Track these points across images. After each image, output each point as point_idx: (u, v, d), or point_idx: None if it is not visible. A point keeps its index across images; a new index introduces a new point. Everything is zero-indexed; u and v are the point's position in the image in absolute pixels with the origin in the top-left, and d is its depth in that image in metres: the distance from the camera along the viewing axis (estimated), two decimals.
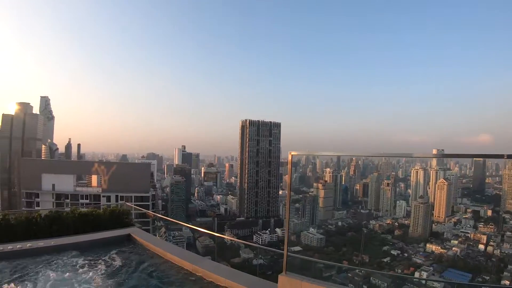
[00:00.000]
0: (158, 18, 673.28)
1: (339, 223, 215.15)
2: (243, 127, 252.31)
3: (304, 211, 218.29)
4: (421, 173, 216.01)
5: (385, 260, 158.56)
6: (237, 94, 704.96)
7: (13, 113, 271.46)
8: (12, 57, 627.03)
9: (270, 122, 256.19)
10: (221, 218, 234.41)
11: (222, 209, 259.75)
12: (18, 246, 14.37)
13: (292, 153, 9.33)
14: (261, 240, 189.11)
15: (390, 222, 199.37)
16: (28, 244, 14.62)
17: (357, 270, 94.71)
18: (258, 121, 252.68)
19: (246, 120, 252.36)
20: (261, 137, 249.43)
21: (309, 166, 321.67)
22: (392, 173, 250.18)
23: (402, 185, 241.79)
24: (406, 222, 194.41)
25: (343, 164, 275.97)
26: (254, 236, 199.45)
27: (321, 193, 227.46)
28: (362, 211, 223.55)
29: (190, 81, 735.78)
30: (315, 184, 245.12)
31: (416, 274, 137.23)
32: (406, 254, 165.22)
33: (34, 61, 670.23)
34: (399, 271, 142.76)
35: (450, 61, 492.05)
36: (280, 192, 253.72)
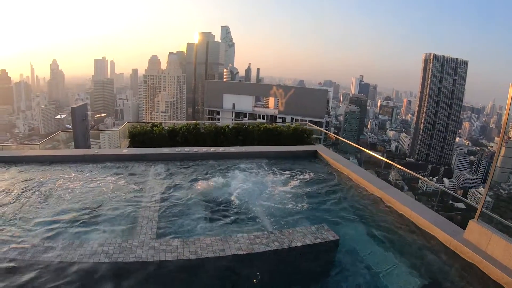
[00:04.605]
0: None
1: None
2: (426, 62, 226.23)
3: (478, 166, 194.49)
4: None
5: None
6: (421, 26, 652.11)
7: (196, 42, 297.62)
8: None
9: (456, 59, 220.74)
10: (390, 155, 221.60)
11: (393, 146, 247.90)
12: (211, 149, 15.23)
13: None
14: (425, 187, 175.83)
15: None
16: (221, 149, 15.46)
17: None
18: (443, 56, 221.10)
19: (430, 54, 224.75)
20: (444, 74, 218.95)
21: (494, 116, 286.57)
22: None
23: None
24: None
25: None
26: (419, 181, 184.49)
27: (502, 150, 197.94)
28: None
29: (372, 10, 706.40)
30: (496, 139, 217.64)
31: None
32: None
33: None
34: None
35: None
36: (457, 140, 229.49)
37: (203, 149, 15.12)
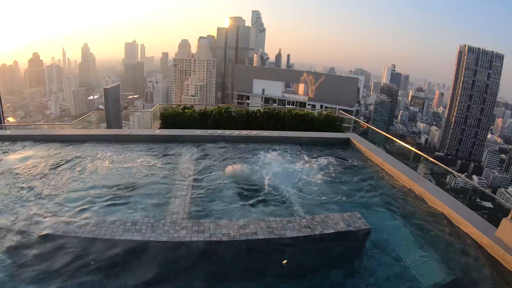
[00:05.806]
0: None
1: None
2: (460, 53, 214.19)
3: (509, 165, 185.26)
4: None
5: None
6: (453, 16, 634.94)
7: (227, 26, 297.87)
8: None
9: (492, 52, 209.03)
10: (419, 147, 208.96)
11: (422, 139, 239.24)
12: (244, 133, 15.22)
13: None
14: (454, 183, 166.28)
15: None
16: (253, 132, 15.39)
17: None
18: (478, 48, 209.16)
19: (464, 45, 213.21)
20: (479, 67, 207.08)
21: None
22: None
23: None
24: None
25: None
26: (448, 176, 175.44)
27: None
28: None
29: None
30: None
31: None
32: None
33: None
34: None
35: None
36: (489, 136, 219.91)
37: (236, 132, 15.14)
